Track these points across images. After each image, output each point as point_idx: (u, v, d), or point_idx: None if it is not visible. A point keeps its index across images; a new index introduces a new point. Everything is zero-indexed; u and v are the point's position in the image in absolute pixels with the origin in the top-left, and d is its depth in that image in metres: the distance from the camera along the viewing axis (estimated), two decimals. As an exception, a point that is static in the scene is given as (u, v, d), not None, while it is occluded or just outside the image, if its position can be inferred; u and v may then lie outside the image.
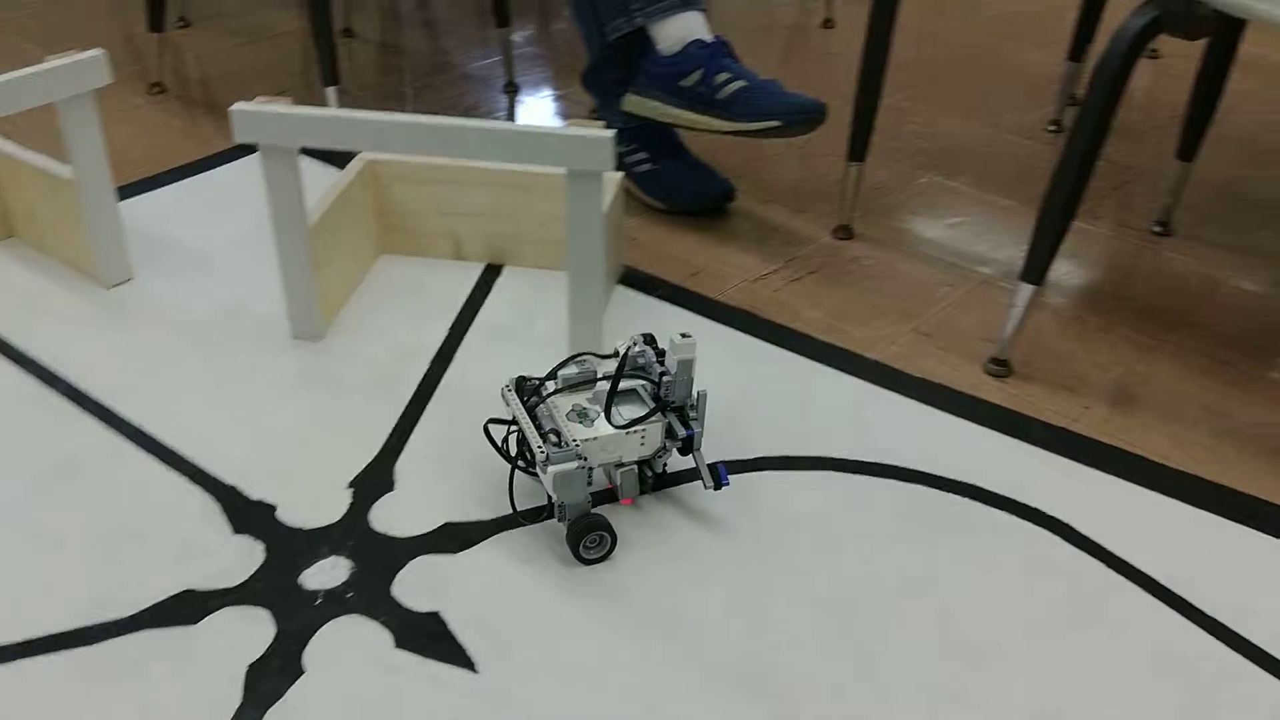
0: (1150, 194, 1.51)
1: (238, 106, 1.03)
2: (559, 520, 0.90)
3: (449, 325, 1.20)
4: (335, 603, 0.86)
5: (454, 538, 0.92)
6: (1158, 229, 1.43)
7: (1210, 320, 1.26)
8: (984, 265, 1.36)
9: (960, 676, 0.81)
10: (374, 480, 0.98)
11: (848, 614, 0.86)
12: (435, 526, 0.94)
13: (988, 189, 1.53)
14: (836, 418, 1.07)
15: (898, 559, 0.91)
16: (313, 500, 0.96)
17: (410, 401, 1.08)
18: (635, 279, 1.30)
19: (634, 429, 0.90)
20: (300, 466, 1.00)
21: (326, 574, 0.89)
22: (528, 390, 0.93)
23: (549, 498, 0.93)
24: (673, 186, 1.43)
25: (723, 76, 1.30)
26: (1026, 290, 1.12)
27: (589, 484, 0.89)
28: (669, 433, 0.92)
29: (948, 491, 0.98)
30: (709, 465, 0.93)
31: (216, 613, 0.85)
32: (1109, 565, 0.91)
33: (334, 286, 1.19)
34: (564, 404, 0.92)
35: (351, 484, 0.98)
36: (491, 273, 1.30)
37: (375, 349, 1.16)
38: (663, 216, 1.44)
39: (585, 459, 0.87)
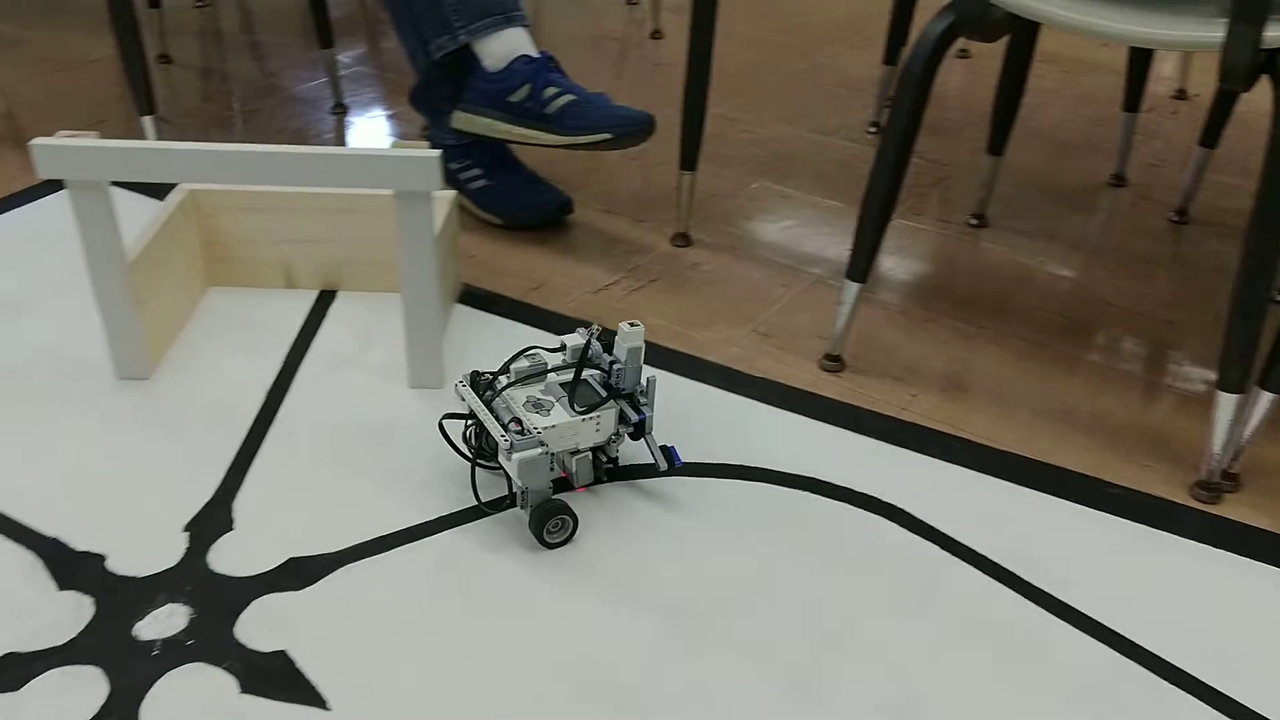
0: (967, 189, 1.59)
1: (38, 141, 0.98)
2: (520, 507, 0.95)
3: (284, 356, 1.17)
4: (174, 652, 0.83)
5: (298, 573, 0.90)
6: (975, 221, 1.50)
7: (1026, 305, 1.33)
8: (815, 265, 1.40)
9: (810, 666, 0.83)
10: (211, 520, 0.95)
11: (692, 613, 0.87)
12: (278, 563, 0.91)
13: (816, 191, 1.58)
14: (682, 422, 1.09)
15: (741, 555, 0.93)
16: (146, 546, 0.92)
17: (247, 436, 1.05)
18: (475, 297, 1.29)
19: (590, 416, 0.93)
20: (131, 512, 0.96)
21: (162, 623, 0.85)
22: (482, 385, 0.97)
23: (509, 487, 0.97)
24: (509, 202, 1.43)
25: (550, 91, 1.31)
26: (853, 288, 1.17)
27: (551, 470, 0.92)
28: (621, 418, 0.96)
29: (789, 486, 1.01)
30: (660, 447, 0.97)
31: (42, 676, 0.80)
32: (942, 546, 0.96)
33: (159, 323, 1.15)
34: (519, 396, 0.96)
35: (187, 526, 0.94)
36: (325, 299, 1.28)
37: (207, 384, 1.12)
38: (501, 232, 1.44)
39: (547, 446, 0.91)
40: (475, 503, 0.98)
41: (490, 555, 0.92)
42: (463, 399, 0.97)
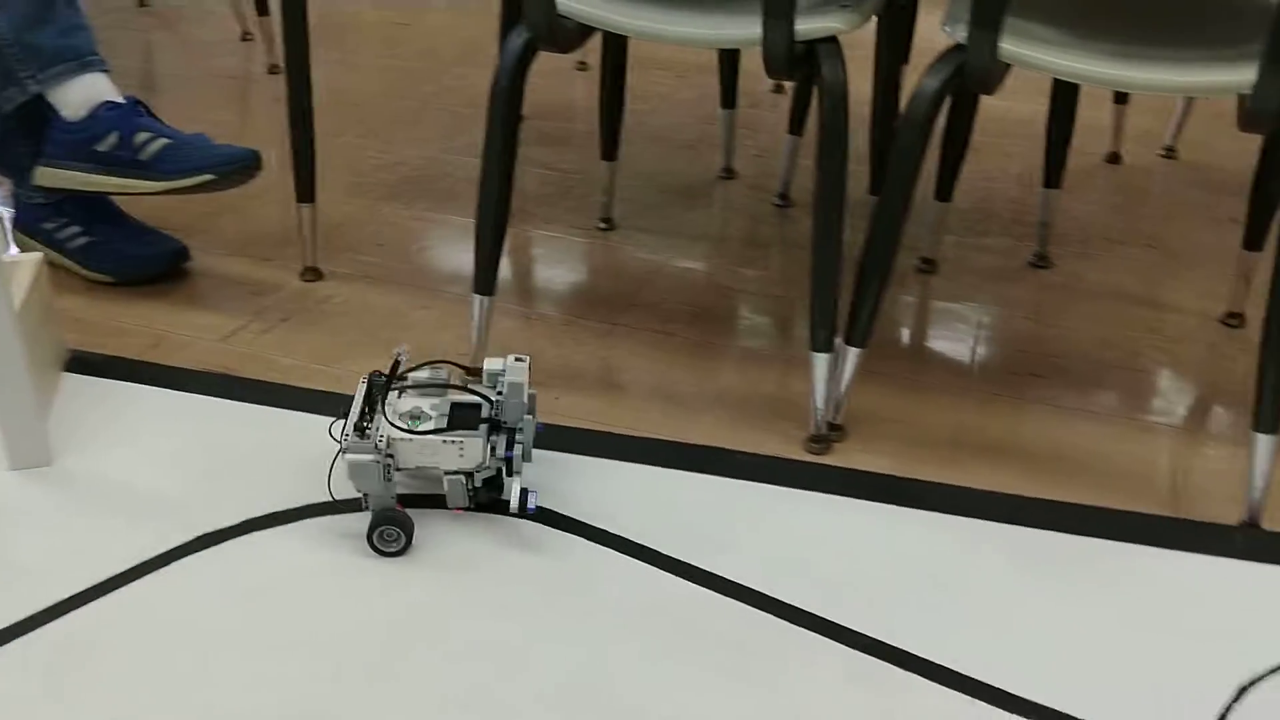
0: (593, 194, 1.65)
1: None
2: (364, 508, 0.96)
3: None
4: None
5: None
6: (603, 225, 1.57)
7: (655, 299, 1.40)
8: (454, 284, 1.41)
9: (484, 683, 0.84)
10: None
11: (346, 653, 0.86)
12: None
13: (449, 210, 1.60)
14: (313, 465, 1.06)
15: (382, 583, 0.93)
16: None
17: None
18: (86, 362, 1.20)
19: (450, 439, 0.94)
20: None
21: None
22: (377, 386, 0.98)
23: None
24: (116, 256, 1.34)
25: (142, 136, 1.24)
26: (483, 301, 1.18)
27: (387, 479, 0.94)
28: (493, 451, 0.96)
29: (435, 509, 1.01)
30: (521, 489, 0.95)
31: None
32: (590, 539, 0.99)
33: None
34: (405, 404, 0.98)
35: None
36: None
37: None
38: (113, 290, 1.35)
39: (390, 455, 0.93)
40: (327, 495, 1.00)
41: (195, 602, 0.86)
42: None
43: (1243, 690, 0.84)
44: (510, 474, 0.96)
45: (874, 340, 1.11)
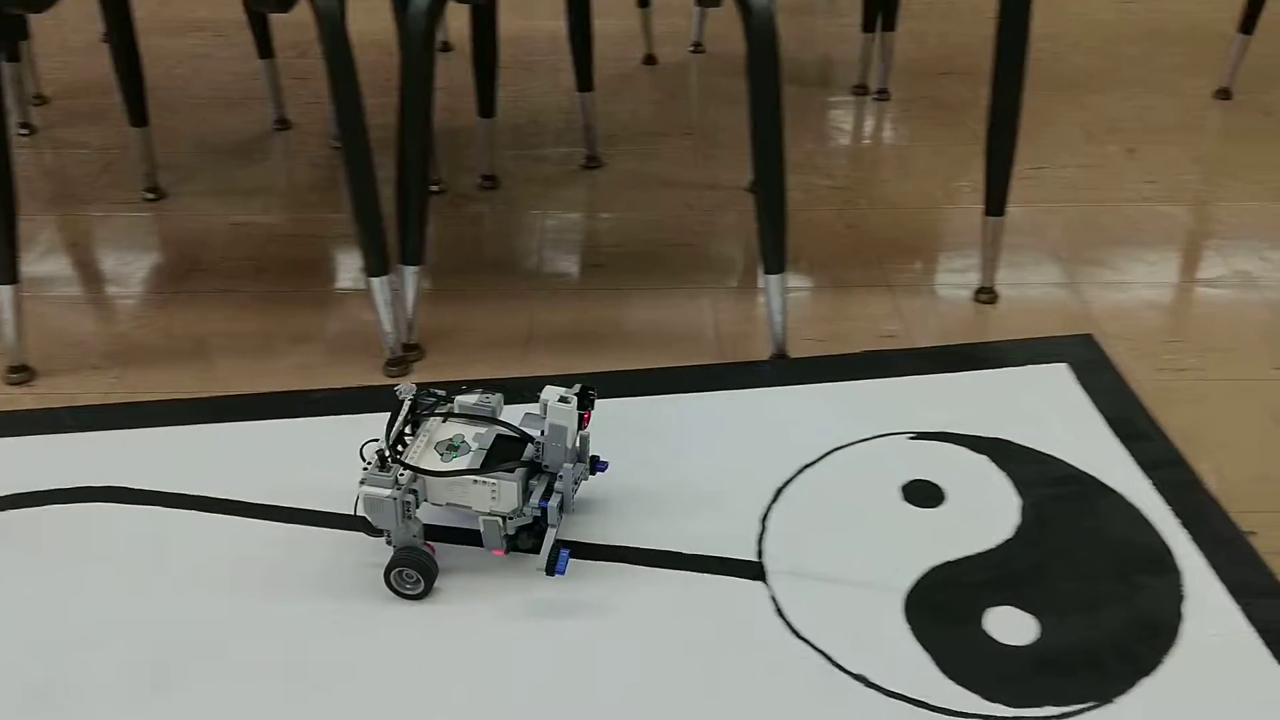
0: (136, 167, 1.56)
1: None
2: (386, 543, 0.87)
3: None
4: None
5: None
6: (150, 195, 1.49)
7: (214, 260, 1.36)
8: (-13, 283, 1.30)
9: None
10: None
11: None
12: None
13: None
14: None
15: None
16: None
17: None
18: None
19: (482, 480, 0.84)
20: None
21: None
22: (423, 405, 0.90)
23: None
24: None
25: None
26: (4, 290, 1.10)
27: (407, 516, 0.85)
28: (528, 497, 0.86)
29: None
30: (554, 546, 0.85)
31: None
32: (169, 504, 0.97)
33: None
34: (445, 430, 0.89)
35: None
36: None
37: None
38: None
39: (412, 491, 0.84)
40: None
41: None
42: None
43: (779, 491, 0.97)
44: (548, 526, 0.87)
45: (446, 260, 1.15)
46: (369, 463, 0.84)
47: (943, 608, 0.84)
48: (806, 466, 1.00)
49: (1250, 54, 1.75)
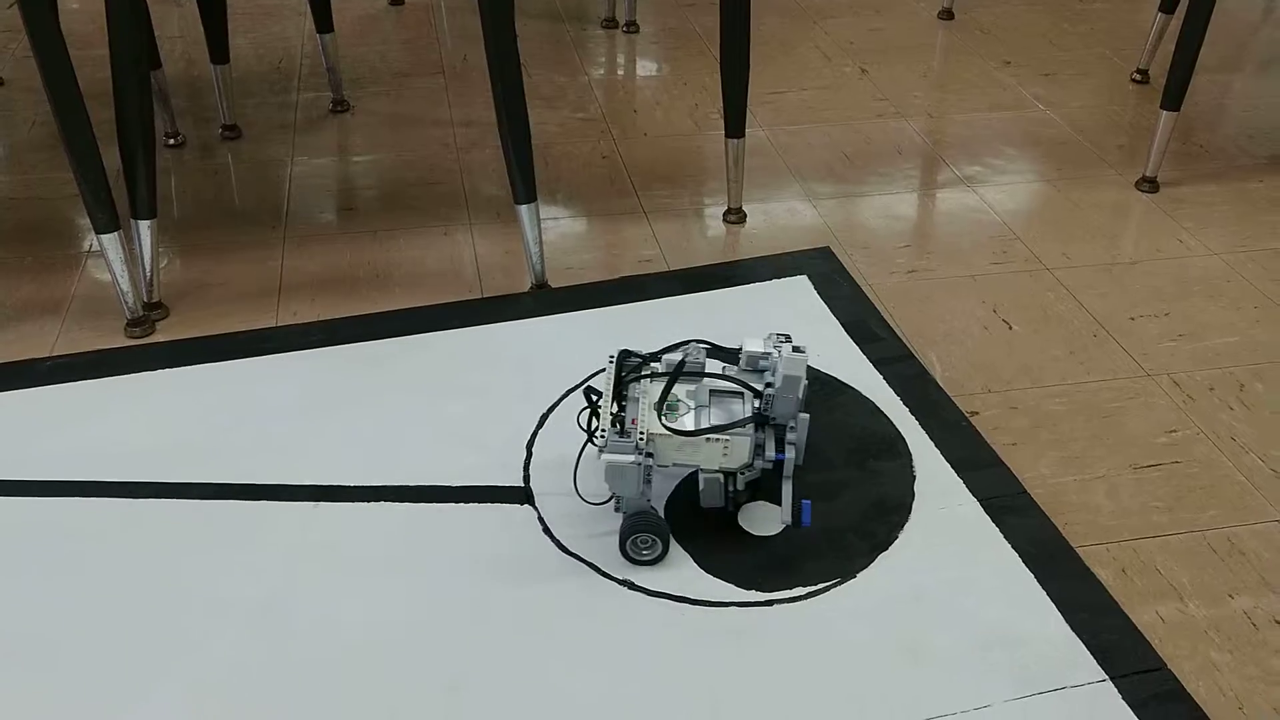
0: None
1: None
2: (615, 510, 0.87)
3: None
4: None
5: None
6: None
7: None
8: None
9: None
10: None
11: None
12: None
13: None
14: None
15: None
16: None
17: None
18: None
19: (715, 437, 0.81)
20: None
21: None
22: (629, 366, 0.86)
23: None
24: None
25: None
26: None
27: (647, 481, 0.82)
28: (759, 450, 0.83)
29: None
30: (799, 499, 0.84)
31: None
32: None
33: None
34: (658, 391, 0.84)
35: None
36: None
37: None
38: None
39: (649, 455, 0.81)
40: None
41: None
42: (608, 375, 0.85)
43: (544, 417, 0.99)
44: (783, 478, 0.83)
45: (187, 214, 1.09)
46: (592, 430, 0.83)
47: (699, 512, 0.88)
48: (570, 391, 1.02)
49: (966, -24, 1.87)
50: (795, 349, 0.83)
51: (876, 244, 1.27)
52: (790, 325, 1.09)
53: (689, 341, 0.88)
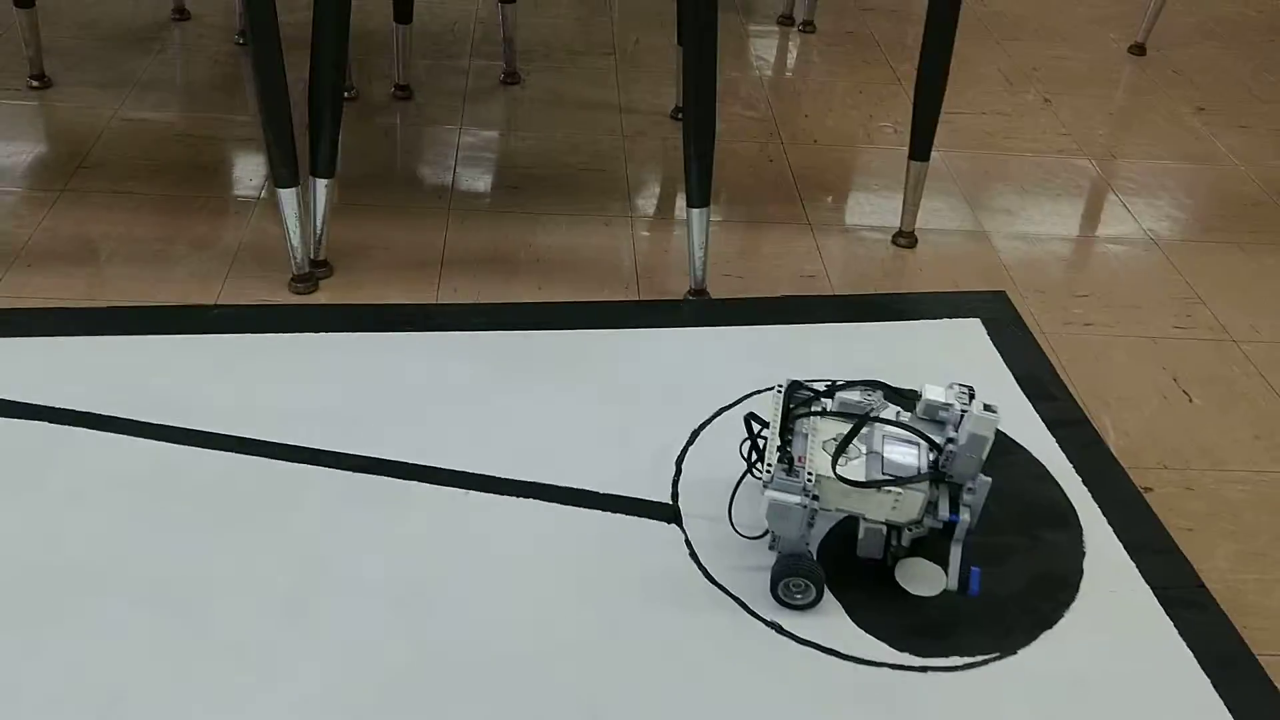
0: (17, 50, 1.45)
1: None
2: (769, 548, 0.84)
3: None
4: None
5: None
6: (35, 83, 1.39)
7: (106, 157, 1.27)
8: None
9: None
10: None
11: None
12: None
13: None
14: None
15: None
16: None
17: None
18: None
19: (889, 489, 0.77)
20: None
21: None
22: (800, 399, 0.83)
23: None
24: None
25: None
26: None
27: (809, 524, 0.79)
28: (932, 509, 0.79)
29: None
30: (967, 565, 0.79)
31: None
32: (52, 420, 0.91)
33: None
34: (828, 429, 0.81)
35: None
36: None
37: None
38: None
39: (814, 497, 0.77)
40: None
41: None
42: (774, 406, 0.83)
43: (694, 434, 0.96)
44: (954, 541, 0.80)
45: (356, 172, 1.09)
46: (756, 463, 0.81)
47: (854, 560, 0.85)
48: (722, 410, 0.99)
49: (1167, 11, 1.77)
50: (986, 407, 0.78)
51: (1052, 290, 1.21)
52: (961, 371, 1.04)
53: (865, 382, 0.84)
